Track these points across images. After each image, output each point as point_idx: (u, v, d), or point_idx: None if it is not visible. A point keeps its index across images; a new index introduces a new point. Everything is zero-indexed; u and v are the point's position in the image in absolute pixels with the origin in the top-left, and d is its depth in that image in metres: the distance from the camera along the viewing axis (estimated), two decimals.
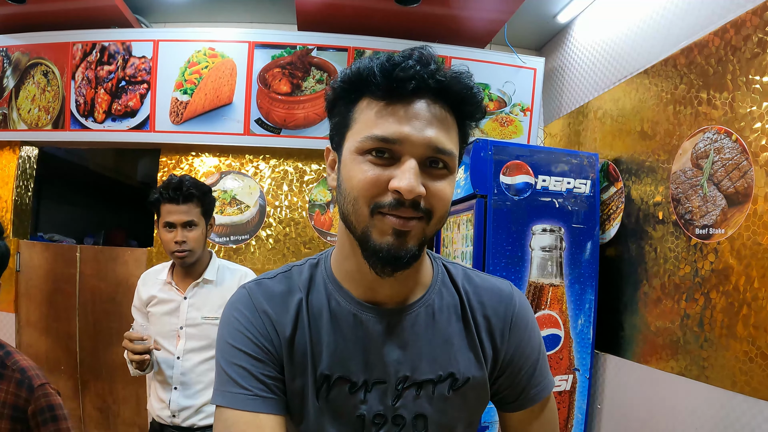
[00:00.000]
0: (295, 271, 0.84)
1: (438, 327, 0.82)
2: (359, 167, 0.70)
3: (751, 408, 1.63)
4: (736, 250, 1.73)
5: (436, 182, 0.70)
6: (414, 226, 0.70)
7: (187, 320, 1.81)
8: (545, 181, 2.26)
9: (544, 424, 0.88)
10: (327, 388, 0.79)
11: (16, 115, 2.83)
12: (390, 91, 0.69)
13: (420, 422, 0.80)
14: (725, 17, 1.84)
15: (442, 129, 0.70)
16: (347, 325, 0.79)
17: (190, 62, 2.67)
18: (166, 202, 1.76)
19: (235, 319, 0.78)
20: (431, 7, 2.53)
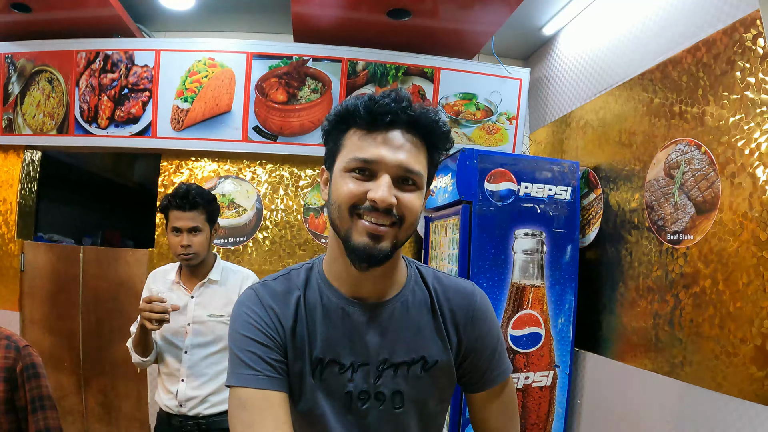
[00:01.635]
0: (293, 273, 1.00)
1: (411, 318, 0.97)
2: (345, 182, 0.87)
3: (715, 402, 1.74)
4: (704, 255, 1.85)
5: (406, 194, 0.87)
6: (386, 231, 0.86)
7: (194, 318, 1.93)
8: (528, 188, 2.38)
9: (504, 403, 1.04)
10: (320, 369, 0.94)
11: (21, 120, 2.93)
12: (371, 123, 0.86)
13: (397, 397, 0.96)
14: (698, 36, 1.95)
15: (412, 153, 0.87)
16: (336, 317, 0.95)
17: (190, 71, 2.77)
18: (174, 209, 1.89)
19: (245, 314, 0.93)
20: (421, 20, 2.63)
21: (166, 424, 1.98)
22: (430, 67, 2.84)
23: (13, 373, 1.50)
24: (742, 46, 1.75)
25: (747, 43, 1.73)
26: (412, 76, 2.85)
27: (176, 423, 1.95)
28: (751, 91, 1.70)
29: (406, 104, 0.86)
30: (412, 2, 2.47)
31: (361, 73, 2.81)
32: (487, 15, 2.59)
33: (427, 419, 1.01)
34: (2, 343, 1.50)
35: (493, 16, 2.59)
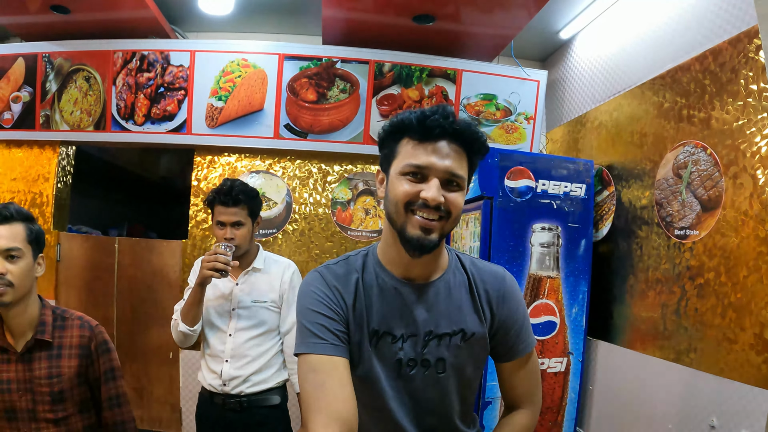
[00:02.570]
0: (351, 259, 1.23)
1: (453, 296, 1.19)
2: (401, 183, 1.09)
3: (718, 386, 1.93)
4: (708, 250, 2.04)
5: (451, 194, 1.08)
6: (435, 225, 1.07)
7: (239, 303, 2.14)
8: (545, 185, 2.62)
9: (529, 372, 1.26)
10: (376, 340, 1.16)
11: (59, 116, 3.18)
12: (423, 134, 1.08)
13: (440, 364, 1.17)
14: (705, 45, 2.14)
15: (456, 160, 1.09)
16: (390, 295, 1.17)
17: (224, 71, 3.03)
18: (219, 204, 2.09)
19: (313, 293, 1.15)
20: (445, 24, 2.86)
21: (209, 403, 2.19)
22: (452, 69, 3.10)
23: (88, 350, 1.69)
24: (746, 56, 1.94)
25: (750, 54, 1.92)
26: (436, 77, 3.10)
27: (219, 401, 2.15)
28: (753, 98, 1.88)
29: (452, 119, 1.08)
30: (437, 8, 2.71)
31: (387, 75, 3.07)
32: (507, 19, 2.82)
33: (464, 383, 1.22)
34: (76, 323, 1.70)
35: (513, 21, 2.82)
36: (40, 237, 1.69)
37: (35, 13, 3.00)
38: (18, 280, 1.57)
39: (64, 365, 1.64)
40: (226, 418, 2.15)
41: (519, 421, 1.26)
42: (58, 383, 1.63)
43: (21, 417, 1.63)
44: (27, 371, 1.62)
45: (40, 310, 1.67)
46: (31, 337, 1.63)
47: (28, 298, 1.64)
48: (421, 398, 1.20)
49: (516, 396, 1.28)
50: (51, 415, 1.63)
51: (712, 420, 1.94)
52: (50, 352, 1.64)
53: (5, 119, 3.25)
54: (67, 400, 1.66)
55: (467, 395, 1.26)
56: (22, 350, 1.62)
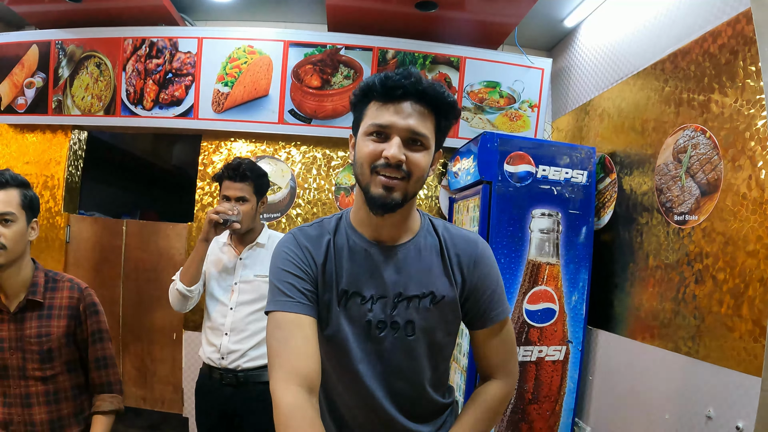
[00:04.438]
0: (325, 221, 1.26)
1: (423, 259, 1.21)
2: (365, 144, 1.11)
3: (716, 374, 1.92)
4: (707, 234, 2.03)
5: (414, 153, 1.10)
6: (397, 184, 1.09)
7: (241, 277, 2.20)
8: (545, 171, 2.63)
9: (504, 341, 1.28)
10: (345, 300, 1.18)
11: (71, 101, 3.29)
12: (385, 95, 1.10)
13: (410, 326, 1.19)
14: (705, 27, 2.14)
15: (419, 119, 1.10)
16: (360, 257, 1.20)
17: (230, 58, 3.11)
18: (226, 179, 2.17)
19: (284, 252, 1.20)
20: (447, 11, 2.91)
21: (208, 378, 2.24)
22: (456, 56, 3.13)
23: (77, 311, 1.77)
24: (744, 37, 1.93)
25: (750, 34, 1.91)
26: (439, 64, 3.14)
27: (217, 376, 2.20)
28: (752, 79, 1.88)
29: (414, 79, 1.09)
30: None
31: (390, 61, 3.12)
32: (510, 7, 2.84)
33: (434, 348, 1.24)
34: (66, 285, 1.78)
35: (516, 8, 2.85)
36: (34, 202, 1.75)
37: (48, 1, 3.11)
38: (11, 243, 1.64)
39: (53, 325, 1.72)
40: (224, 393, 2.19)
41: (493, 391, 1.27)
42: (47, 342, 1.70)
43: (12, 375, 1.71)
44: (18, 330, 1.70)
45: (33, 272, 1.75)
46: (23, 297, 1.71)
47: (22, 261, 1.71)
48: (391, 361, 1.21)
49: (490, 366, 1.29)
50: (39, 373, 1.70)
51: (709, 410, 1.94)
52: (41, 312, 1.72)
53: (19, 104, 3.37)
54: (56, 359, 1.73)
55: (439, 362, 1.27)
56: (15, 310, 1.70)
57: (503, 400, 1.28)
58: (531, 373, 2.64)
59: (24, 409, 1.72)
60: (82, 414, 1.81)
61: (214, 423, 2.23)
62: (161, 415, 3.29)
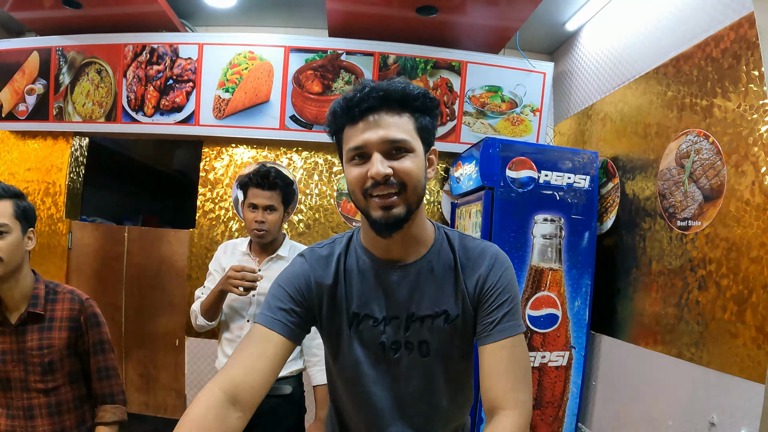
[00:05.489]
0: (336, 241, 1.21)
1: (436, 277, 1.14)
2: (350, 170, 1.06)
3: (719, 381, 1.93)
4: (711, 240, 2.03)
5: (399, 162, 1.03)
6: (394, 200, 1.03)
7: (260, 289, 2.08)
8: (547, 176, 2.63)
9: (514, 360, 1.07)
10: (357, 323, 1.14)
11: (72, 108, 3.30)
12: (351, 117, 1.04)
13: (424, 347, 1.14)
14: (708, 32, 2.14)
15: (392, 126, 1.03)
16: (370, 277, 1.14)
17: (231, 64, 3.11)
18: (253, 187, 2.08)
19: (288, 271, 1.17)
20: (448, 15, 2.90)
21: None
22: (457, 61, 3.13)
23: (78, 322, 1.77)
24: (747, 41, 1.93)
25: (753, 39, 1.91)
26: (440, 69, 3.14)
27: None
28: (755, 84, 1.88)
29: (368, 89, 1.02)
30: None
31: (392, 66, 3.12)
32: (511, 11, 2.84)
33: (452, 370, 1.17)
34: (67, 296, 1.78)
35: (517, 12, 2.85)
36: (29, 212, 1.74)
37: (49, 8, 3.12)
38: (6, 254, 1.64)
39: (54, 337, 1.72)
40: None
41: (500, 428, 1.01)
42: (48, 354, 1.71)
43: (14, 387, 1.71)
44: (20, 343, 1.71)
45: (33, 284, 1.75)
46: (24, 309, 1.71)
47: (20, 272, 1.71)
48: (408, 383, 1.16)
49: (497, 392, 1.06)
50: (42, 385, 1.71)
51: (713, 417, 1.94)
52: (42, 325, 1.73)
53: (20, 111, 3.38)
54: (57, 370, 1.74)
55: (459, 386, 1.21)
56: (16, 323, 1.70)
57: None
58: (534, 379, 2.64)
59: (27, 421, 1.73)
60: (84, 425, 1.82)
61: None
62: (164, 421, 3.30)
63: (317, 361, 2.18)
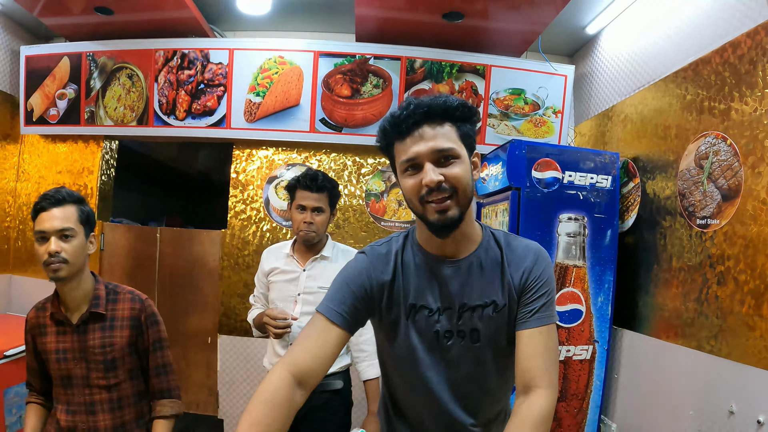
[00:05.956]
0: (393, 238, 1.42)
1: (484, 270, 1.33)
2: (405, 181, 1.26)
3: (738, 371, 2.07)
4: (729, 238, 2.18)
5: (449, 169, 1.21)
6: (448, 204, 1.21)
7: (305, 288, 2.31)
8: (571, 176, 2.84)
9: (548, 347, 1.27)
10: (414, 313, 1.33)
11: (103, 112, 3.55)
12: (400, 132, 1.24)
13: (475, 334, 1.33)
14: (725, 38, 2.30)
15: (438, 137, 1.22)
16: (426, 272, 1.34)
17: (262, 68, 3.36)
18: (302, 189, 2.27)
19: (350, 266, 1.38)
20: (473, 20, 3.13)
21: None
22: (481, 65, 3.37)
23: (138, 321, 1.93)
24: (763, 48, 2.08)
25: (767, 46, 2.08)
26: (465, 72, 3.38)
27: None
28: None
29: (413, 107, 1.22)
30: (466, 5, 2.96)
31: (418, 70, 3.36)
32: (534, 15, 3.05)
33: (499, 355, 1.35)
34: (128, 297, 1.95)
35: (540, 17, 3.07)
36: (91, 217, 1.90)
37: (80, 14, 3.33)
38: (72, 257, 1.78)
39: (116, 335, 1.88)
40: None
41: (539, 404, 1.21)
42: (110, 352, 1.87)
43: (76, 383, 1.87)
44: (82, 341, 1.86)
45: (93, 285, 1.91)
46: (86, 309, 1.87)
47: (82, 274, 1.86)
48: (459, 368, 1.35)
49: (532, 371, 1.24)
50: (104, 381, 1.87)
51: (731, 405, 2.09)
52: (103, 324, 1.88)
53: (51, 115, 3.63)
54: (119, 367, 1.89)
55: (506, 367, 1.37)
56: (78, 322, 1.85)
57: (550, 413, 1.22)
58: (560, 372, 2.86)
59: (88, 416, 1.88)
60: (143, 419, 1.97)
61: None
62: (195, 417, 3.53)
63: (366, 356, 2.36)
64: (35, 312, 1.95)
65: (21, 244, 3.82)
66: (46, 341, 1.89)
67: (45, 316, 1.91)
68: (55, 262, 1.75)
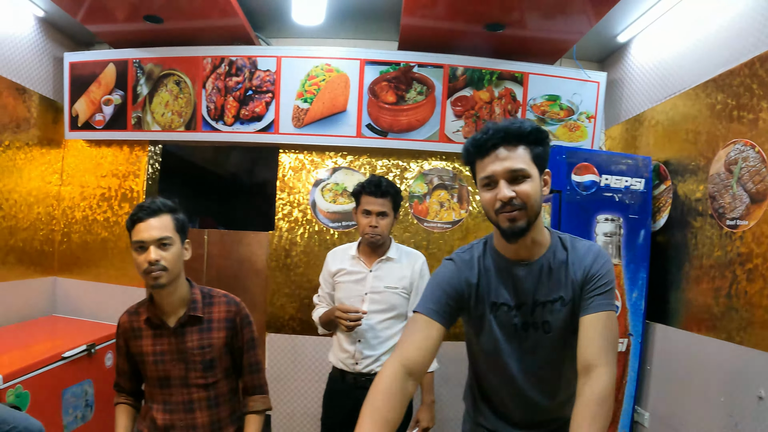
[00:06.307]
0: (474, 246, 1.72)
1: (554, 270, 1.59)
2: (483, 194, 1.54)
3: (766, 360, 2.26)
4: (756, 238, 2.40)
5: (519, 186, 1.46)
6: (517, 214, 1.47)
7: (372, 288, 2.54)
8: (608, 180, 3.13)
9: (608, 329, 1.48)
10: (495, 309, 1.63)
11: (150, 117, 3.84)
12: (481, 153, 1.52)
13: (546, 326, 1.60)
14: (753, 52, 2.52)
15: (512, 158, 1.47)
16: (504, 274, 1.63)
17: (309, 75, 3.66)
18: (366, 195, 2.50)
19: (441, 273, 1.67)
20: (514, 30, 3.42)
21: (340, 381, 2.60)
22: (520, 72, 3.69)
23: (234, 322, 2.07)
24: None
25: None
26: (505, 80, 3.70)
27: (350, 380, 2.56)
28: None
29: (492, 131, 1.48)
30: (508, 16, 3.25)
31: (460, 78, 3.67)
32: (571, 25, 3.33)
33: (570, 343, 1.57)
34: (223, 300, 2.10)
35: (576, 27, 3.34)
36: (185, 225, 2.05)
37: (127, 21, 3.57)
38: (171, 264, 1.91)
39: (213, 336, 2.03)
40: (356, 395, 2.47)
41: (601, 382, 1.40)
42: (209, 352, 2.01)
43: (174, 384, 2.02)
44: (180, 343, 2.00)
45: (189, 289, 2.05)
46: (183, 313, 2.01)
47: (178, 280, 1.99)
48: (534, 354, 1.63)
49: (592, 352, 1.44)
50: (202, 381, 2.02)
51: (760, 392, 2.29)
52: (201, 326, 2.02)
53: (97, 120, 3.91)
54: (216, 367, 2.04)
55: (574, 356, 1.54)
56: (175, 325, 2.00)
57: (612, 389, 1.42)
58: None
59: (186, 414, 2.02)
60: (235, 414, 2.13)
61: (343, 422, 2.55)
62: None
63: None
64: (128, 317, 2.10)
65: (65, 247, 4.09)
66: (142, 344, 2.04)
67: (139, 321, 2.06)
68: (155, 270, 1.89)
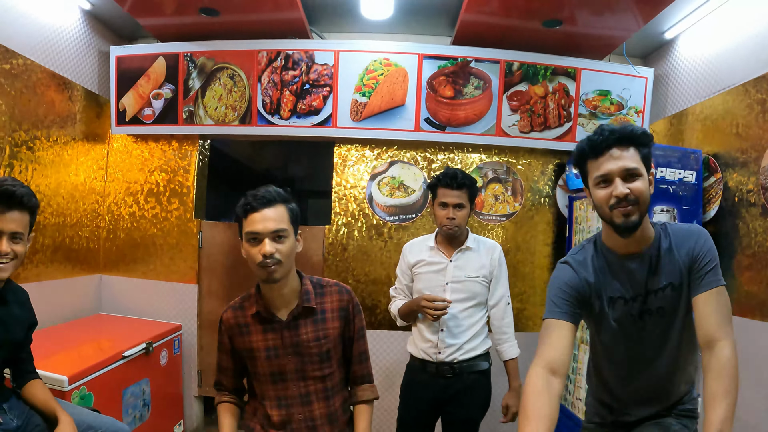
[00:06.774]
0: (585, 247, 1.91)
1: (662, 259, 1.75)
2: (597, 192, 1.71)
3: None
4: None
5: (632, 183, 1.64)
6: (631, 209, 1.64)
7: (453, 278, 2.70)
8: (662, 172, 3.45)
9: (721, 304, 1.66)
10: (613, 303, 1.82)
11: (203, 112, 4.08)
12: (596, 153, 1.70)
13: (660, 311, 1.77)
14: None
15: (625, 158, 1.64)
16: (617, 268, 1.81)
17: (367, 69, 3.95)
18: (443, 187, 2.66)
19: (561, 276, 1.85)
20: (570, 27, 3.73)
21: (420, 371, 2.76)
22: (572, 68, 4.02)
23: (347, 311, 2.12)
24: None
25: None
26: (558, 75, 4.03)
27: (432, 369, 2.71)
28: None
29: (607, 133, 1.65)
30: (566, 13, 3.55)
31: (516, 73, 4.00)
32: (624, 23, 3.65)
33: (685, 324, 1.77)
34: (334, 289, 2.12)
35: (628, 24, 3.67)
36: (298, 216, 2.03)
37: (181, 14, 3.77)
38: (285, 257, 1.92)
39: (329, 327, 2.07)
40: (437, 384, 2.69)
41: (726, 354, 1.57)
42: (325, 344, 2.06)
43: (290, 378, 2.05)
44: (294, 336, 2.02)
45: (299, 281, 2.08)
46: (295, 305, 2.03)
47: (291, 273, 2.01)
48: (652, 339, 1.81)
49: (711, 327, 1.61)
50: (319, 372, 2.06)
51: None
52: (315, 317, 2.05)
53: (146, 115, 4.14)
54: (332, 357, 2.09)
55: (689, 337, 1.79)
56: (288, 318, 2.02)
57: (736, 359, 1.57)
58: None
59: (303, 407, 2.06)
60: (346, 403, 2.19)
61: (422, 411, 2.75)
62: None
63: (507, 338, 2.80)
64: (232, 312, 2.12)
65: (111, 244, 4.32)
66: (251, 340, 2.06)
67: (245, 316, 2.08)
68: (270, 264, 1.89)
